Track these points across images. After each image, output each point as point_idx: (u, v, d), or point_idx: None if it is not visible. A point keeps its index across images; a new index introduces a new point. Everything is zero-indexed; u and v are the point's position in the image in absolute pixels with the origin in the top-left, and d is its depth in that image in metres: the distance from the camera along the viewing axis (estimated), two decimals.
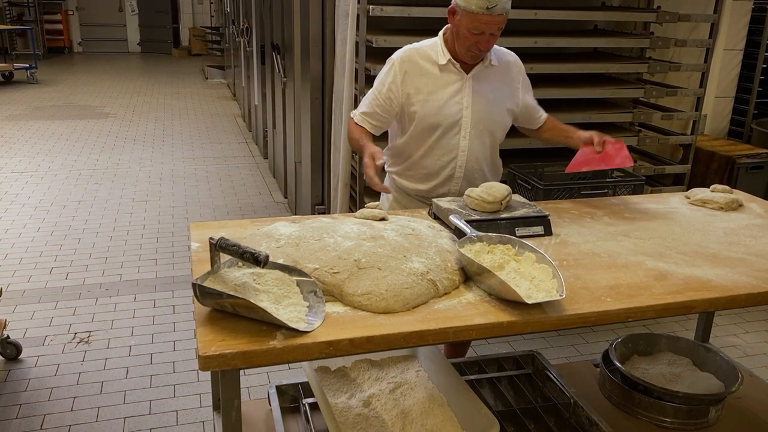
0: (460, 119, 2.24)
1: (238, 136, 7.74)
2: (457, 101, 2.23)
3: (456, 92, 2.23)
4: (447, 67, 2.23)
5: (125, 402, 2.82)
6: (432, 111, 2.23)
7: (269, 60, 5.62)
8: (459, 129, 2.25)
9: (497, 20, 2.07)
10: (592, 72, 3.94)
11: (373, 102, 2.30)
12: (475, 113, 2.25)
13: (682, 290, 1.65)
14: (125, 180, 5.95)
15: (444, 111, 2.23)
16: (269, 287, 1.48)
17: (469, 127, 2.25)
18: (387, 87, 2.27)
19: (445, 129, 2.25)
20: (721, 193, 2.34)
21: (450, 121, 2.24)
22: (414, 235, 1.74)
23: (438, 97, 2.23)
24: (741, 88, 4.95)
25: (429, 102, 2.23)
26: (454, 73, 2.24)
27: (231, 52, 9.51)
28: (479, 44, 2.12)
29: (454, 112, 2.23)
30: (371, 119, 2.32)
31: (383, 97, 2.28)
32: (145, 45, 15.48)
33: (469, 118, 2.25)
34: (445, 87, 2.23)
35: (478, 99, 2.25)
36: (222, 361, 1.30)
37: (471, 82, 2.24)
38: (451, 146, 2.27)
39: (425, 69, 2.24)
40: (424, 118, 2.24)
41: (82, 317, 3.51)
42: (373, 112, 2.31)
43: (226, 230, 1.95)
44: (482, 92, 2.26)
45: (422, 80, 2.24)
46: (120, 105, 9.29)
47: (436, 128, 2.25)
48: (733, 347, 3.40)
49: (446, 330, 1.44)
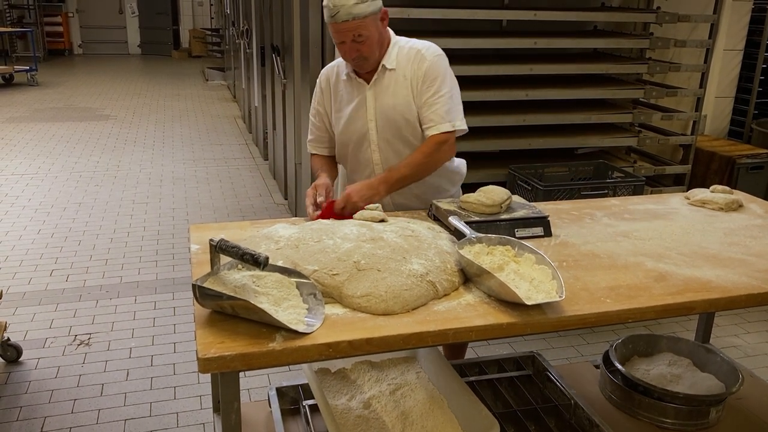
0: (366, 133, 2.18)
1: (239, 138, 7.74)
2: (361, 115, 2.17)
3: (359, 106, 2.17)
4: (349, 81, 2.18)
5: (126, 404, 2.82)
6: (341, 128, 2.21)
7: (269, 61, 5.62)
8: (369, 143, 2.19)
9: (348, 27, 1.97)
10: (591, 73, 3.95)
11: (312, 126, 2.31)
12: (380, 123, 2.16)
13: (681, 291, 1.65)
14: (125, 182, 5.95)
15: (350, 127, 2.19)
16: (268, 289, 1.48)
17: (377, 139, 2.18)
18: (315, 108, 2.27)
19: (356, 144, 2.21)
20: (721, 193, 2.34)
21: (357, 137, 2.19)
22: (413, 236, 1.74)
23: (344, 114, 2.19)
24: (741, 89, 4.95)
25: (339, 119, 2.21)
26: (356, 86, 2.17)
27: (231, 53, 9.52)
28: (347, 53, 2.05)
29: (359, 126, 2.18)
30: (318, 143, 2.32)
31: (318, 118, 2.28)
32: (146, 47, 15.48)
33: (375, 131, 2.17)
34: (349, 103, 2.19)
35: (380, 108, 2.15)
36: (221, 364, 1.30)
37: (372, 92, 2.15)
38: (366, 160, 2.22)
39: (336, 85, 2.22)
40: (337, 135, 2.24)
41: (82, 319, 3.51)
42: (316, 136, 2.31)
43: (226, 232, 1.95)
44: (383, 100, 2.14)
45: (334, 97, 2.22)
46: (120, 107, 9.30)
47: (347, 144, 2.23)
48: (734, 348, 3.40)
49: (446, 331, 1.44)
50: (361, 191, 2.02)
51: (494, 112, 3.60)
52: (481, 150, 3.71)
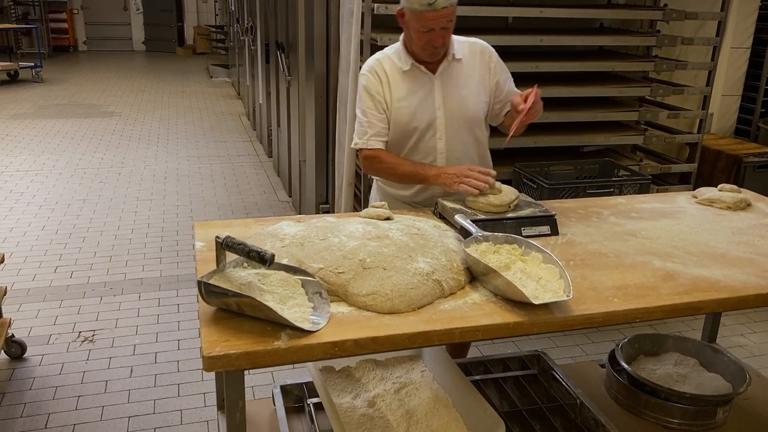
0: (433, 121, 2.19)
1: (243, 135, 7.74)
2: (429, 104, 2.18)
3: (426, 95, 2.18)
4: (412, 71, 2.18)
5: (129, 401, 2.82)
6: (404, 117, 2.19)
7: (274, 59, 5.61)
8: (434, 131, 2.21)
9: (443, 14, 2.00)
10: (597, 70, 3.92)
11: (372, 120, 2.21)
12: (448, 112, 2.19)
13: (689, 291, 1.64)
14: (130, 178, 5.96)
15: (417, 116, 2.18)
16: (274, 288, 1.47)
17: (444, 128, 2.20)
18: (375, 98, 2.21)
19: (421, 133, 2.21)
20: (729, 192, 2.32)
21: (423, 125, 2.19)
22: (419, 234, 1.73)
23: (408, 103, 2.18)
24: (748, 87, 4.92)
25: (401, 109, 2.19)
26: (420, 76, 2.18)
27: (235, 50, 9.51)
28: (432, 42, 2.06)
29: (427, 115, 2.18)
30: (380, 137, 2.23)
31: (378, 109, 2.21)
32: (150, 43, 15.49)
33: (443, 119, 2.19)
34: (414, 92, 2.18)
35: (449, 98, 2.19)
36: (226, 362, 1.29)
37: (439, 82, 2.19)
38: (429, 149, 2.23)
39: (393, 76, 2.20)
40: (397, 125, 2.21)
41: (86, 316, 3.51)
42: (378, 129, 2.23)
43: (231, 229, 1.93)
44: (452, 90, 2.20)
45: (393, 87, 2.20)
46: (125, 103, 9.30)
47: (411, 134, 2.21)
48: (740, 347, 3.38)
49: (452, 331, 1.43)
50: None
51: None
52: None
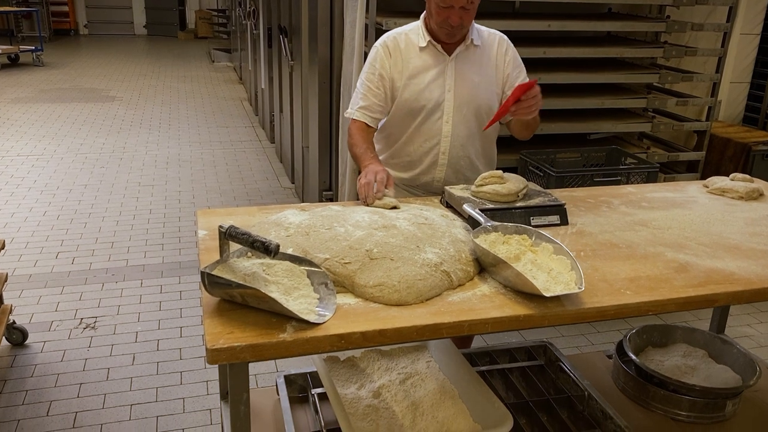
0: (442, 103, 2.16)
1: (245, 120, 7.69)
2: (439, 84, 2.15)
3: (438, 75, 2.15)
4: (428, 49, 2.15)
5: (132, 389, 2.80)
6: (413, 95, 2.15)
7: (276, 43, 5.55)
8: (441, 113, 2.17)
9: None
10: (604, 57, 3.86)
11: (368, 93, 2.20)
12: (458, 96, 2.15)
13: (703, 283, 1.60)
14: (131, 164, 5.92)
15: (425, 94, 2.15)
16: (279, 278, 1.43)
17: (452, 111, 2.16)
18: (378, 73, 2.18)
19: (427, 113, 2.17)
20: (741, 182, 2.28)
21: (432, 105, 2.16)
22: (427, 224, 1.69)
23: (419, 81, 2.15)
24: (756, 74, 4.86)
25: (410, 86, 2.15)
26: (435, 56, 2.15)
27: (237, 34, 9.43)
28: (450, 19, 2.02)
29: (436, 95, 2.15)
30: (370, 112, 2.22)
31: (376, 84, 2.19)
32: (151, 27, 15.38)
33: (452, 102, 2.16)
34: (426, 70, 2.15)
35: (461, 81, 2.16)
36: (230, 354, 1.26)
37: (453, 64, 2.15)
38: (434, 131, 2.19)
39: (408, 53, 2.16)
40: (405, 102, 2.17)
41: (88, 303, 3.48)
42: (370, 103, 2.21)
43: (234, 218, 1.90)
44: (465, 74, 2.16)
45: (405, 64, 2.16)
46: (126, 88, 9.24)
47: (417, 113, 2.17)
48: (746, 337, 3.36)
49: (461, 323, 1.39)
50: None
51: None
52: None
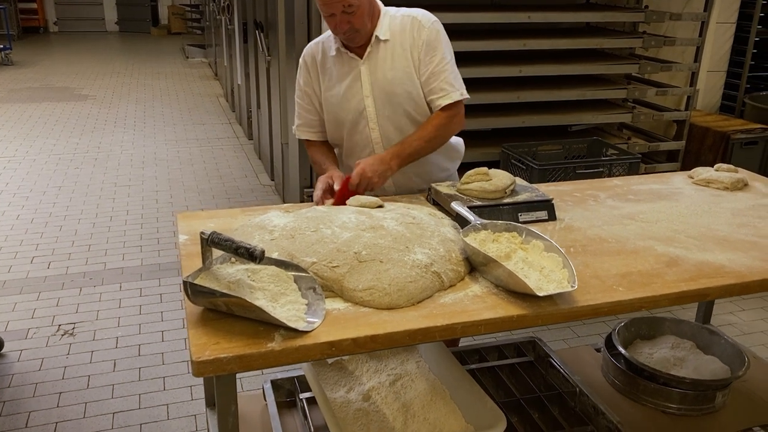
0: (363, 110, 2.05)
1: (221, 117, 7.58)
2: (356, 92, 2.04)
3: (353, 82, 2.04)
4: (339, 57, 2.05)
5: (113, 396, 2.73)
6: (333, 108, 2.09)
7: (252, 38, 5.46)
8: (366, 122, 2.07)
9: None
10: (584, 48, 3.85)
11: (301, 110, 2.16)
12: (377, 99, 2.04)
13: (695, 277, 1.59)
14: (107, 164, 5.80)
15: (344, 106, 2.07)
16: (265, 284, 1.39)
17: (375, 116, 2.06)
18: (302, 88, 2.13)
19: (352, 124, 2.08)
20: (726, 172, 2.28)
21: (353, 116, 2.07)
22: (415, 224, 1.65)
23: (335, 93, 2.07)
24: (732, 62, 4.89)
25: (329, 99, 2.08)
26: (347, 62, 2.04)
27: (212, 30, 9.29)
28: (338, 27, 1.92)
29: (354, 104, 2.05)
30: (308, 127, 2.17)
31: (305, 100, 2.13)
32: (123, 24, 15.11)
33: (373, 107, 2.05)
34: (340, 80, 2.05)
35: (376, 83, 2.04)
36: (217, 366, 1.22)
37: (366, 67, 2.03)
38: (364, 141, 2.09)
39: (323, 64, 2.09)
40: (329, 115, 2.11)
41: (65, 308, 3.40)
42: (305, 120, 2.16)
43: (215, 221, 1.85)
44: (379, 74, 2.03)
45: (322, 76, 2.09)
46: (99, 86, 9.06)
47: (342, 125, 2.10)
48: (730, 326, 3.38)
49: (454, 326, 1.36)
50: (374, 165, 1.92)
51: (487, 89, 3.51)
52: (474, 128, 3.62)
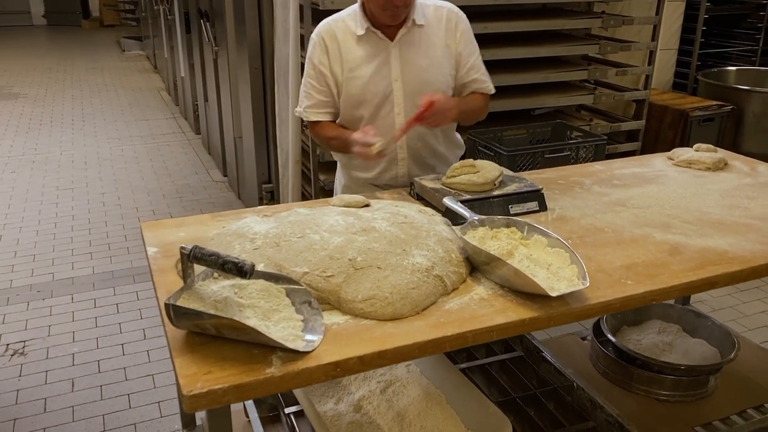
0: (390, 94, 1.97)
1: (165, 111, 7.27)
2: (384, 75, 1.96)
3: (381, 64, 1.96)
4: (367, 37, 1.95)
5: (74, 419, 2.54)
6: (356, 90, 1.97)
7: (196, 28, 5.22)
8: (392, 106, 1.99)
9: None
10: (540, 29, 3.79)
11: (312, 90, 2.02)
12: (407, 85, 1.97)
13: (701, 265, 1.53)
14: (46, 166, 5.47)
15: (369, 88, 1.96)
16: (254, 301, 1.25)
17: (403, 102, 1.98)
18: (316, 68, 1.99)
19: (375, 108, 1.99)
20: (706, 152, 2.24)
21: (379, 99, 1.98)
22: (408, 223, 1.54)
23: (361, 74, 1.96)
24: (683, 40, 4.93)
25: (352, 80, 1.97)
26: (376, 43, 1.96)
27: (149, 21, 8.90)
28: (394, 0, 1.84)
29: (382, 87, 1.97)
30: (319, 108, 2.04)
31: (318, 81, 2.00)
32: (51, 17, 14.37)
33: (401, 92, 1.98)
34: (367, 61, 1.96)
35: (408, 68, 1.97)
36: (212, 399, 1.08)
37: (397, 50, 1.96)
38: (386, 126, 1.98)
39: (345, 43, 1.96)
40: (350, 98, 1.99)
41: (13, 325, 3.16)
42: (316, 101, 2.02)
43: (185, 229, 1.70)
44: (412, 59, 1.97)
45: (344, 56, 1.97)
46: (30, 83, 8.58)
47: (365, 108, 1.99)
48: (700, 302, 3.40)
49: (464, 335, 1.26)
50: (448, 102, 1.89)
51: None
52: None
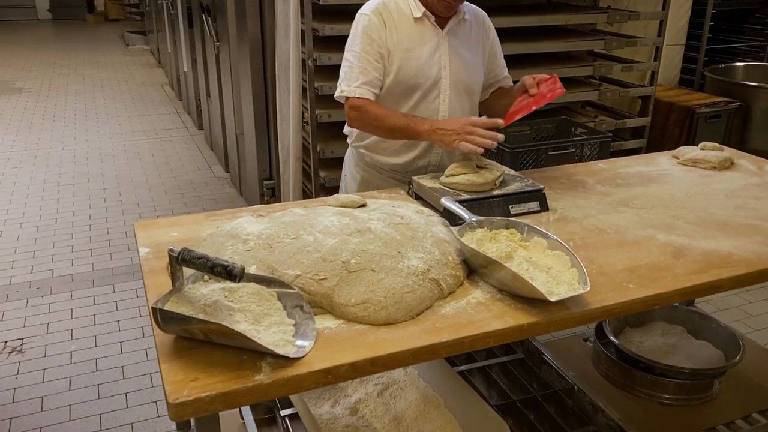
0: (439, 81, 1.99)
1: (168, 107, 7.24)
2: (436, 60, 1.98)
3: (433, 50, 1.98)
4: (422, 21, 1.97)
5: (71, 418, 2.51)
6: (411, 71, 1.96)
7: (198, 22, 5.18)
8: (438, 92, 2.00)
9: None
10: (548, 25, 3.74)
11: (368, 66, 1.93)
12: (453, 74, 2.01)
13: (705, 268, 1.49)
14: (48, 162, 5.45)
15: (424, 71, 1.97)
16: (245, 304, 1.22)
17: (449, 89, 2.01)
18: (375, 42, 1.93)
19: (425, 92, 1.99)
20: (712, 151, 2.20)
21: (429, 83, 1.99)
22: (404, 224, 1.50)
23: (417, 55, 1.96)
24: (690, 35, 4.86)
25: (408, 60, 1.95)
26: (429, 29, 1.98)
27: (153, 15, 8.87)
28: None
29: (434, 72, 1.98)
30: (372, 87, 1.95)
31: (375, 56, 1.93)
32: (56, 11, 14.35)
33: (448, 79, 2.00)
34: (422, 44, 1.97)
35: (455, 58, 2.01)
36: (198, 407, 1.05)
37: (447, 39, 2.00)
38: (431, 111, 2.01)
39: (401, 23, 1.96)
40: (402, 78, 1.97)
41: (11, 323, 3.13)
42: (372, 78, 1.95)
43: (179, 228, 1.67)
44: (458, 50, 2.02)
45: (399, 35, 1.95)
46: (34, 78, 8.56)
47: (414, 91, 1.99)
48: (705, 302, 3.35)
49: (461, 341, 1.22)
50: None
51: None
52: None
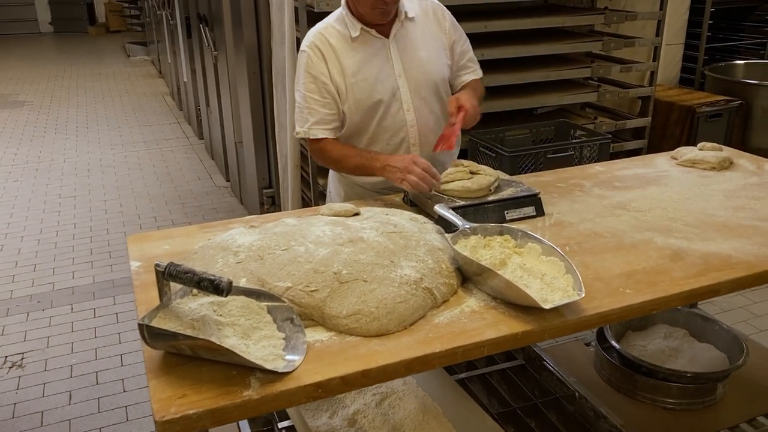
0: (396, 91, 1.94)
1: (169, 117, 7.25)
2: (388, 72, 1.93)
3: (383, 62, 1.93)
4: (362, 38, 1.91)
5: None
6: (365, 93, 1.92)
7: (196, 32, 5.19)
8: (400, 104, 1.95)
9: None
10: (545, 26, 3.72)
11: (314, 105, 1.92)
12: (411, 80, 1.95)
13: (703, 271, 1.47)
14: (49, 174, 5.46)
15: (378, 89, 1.92)
16: (234, 318, 1.21)
17: (410, 97, 1.95)
18: (318, 79, 1.91)
19: (386, 106, 1.94)
20: (711, 151, 2.17)
21: (388, 97, 1.93)
22: (397, 232, 1.48)
23: (366, 76, 1.91)
24: (689, 34, 4.84)
25: (358, 84, 1.91)
26: (373, 43, 1.92)
27: (153, 26, 8.90)
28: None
29: (389, 85, 1.93)
30: (325, 125, 1.94)
31: (319, 92, 1.91)
32: (58, 24, 14.42)
33: (406, 87, 1.94)
34: (369, 61, 1.92)
35: (409, 62, 1.94)
36: (186, 425, 1.04)
37: (395, 46, 1.94)
38: (398, 124, 1.96)
39: (341, 48, 1.91)
40: (357, 103, 1.93)
41: (12, 337, 3.13)
42: (321, 116, 1.93)
43: (171, 241, 1.65)
44: (411, 53, 1.95)
45: (343, 62, 1.91)
46: (36, 91, 8.59)
47: (376, 109, 1.94)
48: (710, 303, 3.32)
49: (454, 350, 1.20)
50: (471, 100, 1.90)
51: None
52: None
